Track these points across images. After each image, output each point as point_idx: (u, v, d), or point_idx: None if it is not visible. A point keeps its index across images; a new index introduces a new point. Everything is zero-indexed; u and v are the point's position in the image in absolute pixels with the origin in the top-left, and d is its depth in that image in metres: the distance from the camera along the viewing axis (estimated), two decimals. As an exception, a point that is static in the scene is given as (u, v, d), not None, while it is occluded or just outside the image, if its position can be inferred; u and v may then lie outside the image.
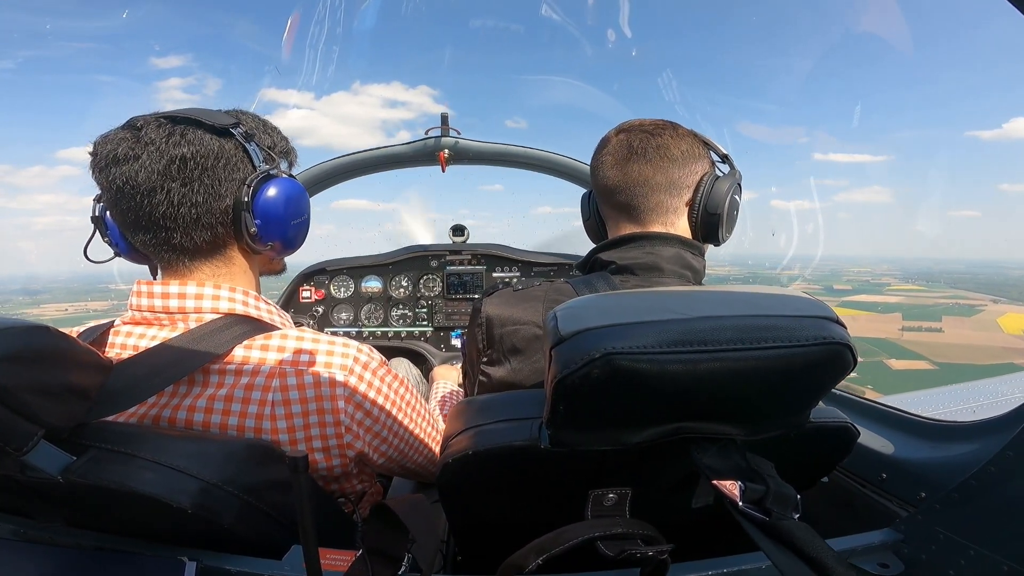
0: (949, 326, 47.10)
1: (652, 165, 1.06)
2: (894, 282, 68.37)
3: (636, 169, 1.06)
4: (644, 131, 1.09)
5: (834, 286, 61.61)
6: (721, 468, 0.71)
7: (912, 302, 56.58)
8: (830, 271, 70.33)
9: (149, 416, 0.85)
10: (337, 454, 0.91)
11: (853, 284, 65.04)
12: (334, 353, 0.90)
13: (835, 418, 0.86)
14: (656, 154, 1.06)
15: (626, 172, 1.07)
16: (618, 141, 1.10)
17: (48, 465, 0.66)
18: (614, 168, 1.09)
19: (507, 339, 1.01)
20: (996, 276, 79.74)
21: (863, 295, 59.59)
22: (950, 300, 56.84)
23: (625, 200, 1.08)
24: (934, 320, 48.28)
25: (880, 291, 62.82)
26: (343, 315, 2.70)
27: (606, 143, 1.12)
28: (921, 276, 78.10)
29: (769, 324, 0.62)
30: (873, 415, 1.20)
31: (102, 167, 0.86)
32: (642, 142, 1.07)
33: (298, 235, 1.00)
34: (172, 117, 0.87)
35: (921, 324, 46.74)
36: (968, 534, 0.85)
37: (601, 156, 1.12)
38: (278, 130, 1.03)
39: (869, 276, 72.21)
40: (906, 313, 49.72)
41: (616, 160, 1.09)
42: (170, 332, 0.88)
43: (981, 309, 52.30)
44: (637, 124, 1.11)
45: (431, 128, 2.35)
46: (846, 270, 74.79)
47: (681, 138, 1.09)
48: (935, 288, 65.24)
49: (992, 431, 0.91)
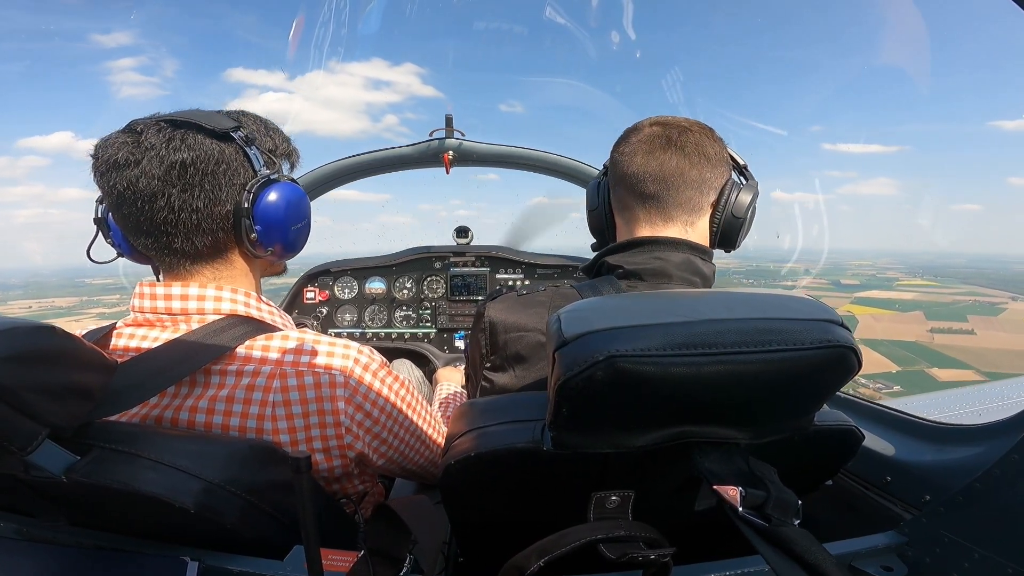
0: (978, 327, 44.85)
1: (688, 160, 1.05)
2: (901, 276, 67.24)
3: (672, 160, 1.05)
4: (682, 127, 1.08)
5: (841, 280, 60.69)
6: (723, 473, 0.71)
7: (929, 299, 54.69)
8: (833, 264, 69.44)
9: (151, 417, 0.86)
10: (338, 455, 0.91)
11: (860, 279, 63.98)
12: (334, 354, 0.90)
13: (840, 421, 0.86)
14: (694, 150, 1.05)
15: (662, 161, 1.05)
16: (652, 131, 1.09)
17: (52, 465, 0.66)
18: (647, 156, 1.06)
19: (511, 346, 1.01)
20: (1002, 271, 78.60)
21: (874, 291, 57.97)
22: (968, 297, 54.79)
23: (654, 190, 1.06)
24: (960, 320, 46.17)
25: (891, 286, 61.36)
26: (347, 316, 2.71)
27: (637, 131, 1.11)
28: (924, 269, 77.13)
29: (773, 327, 0.62)
30: (877, 418, 1.20)
31: (103, 172, 0.86)
32: (680, 135, 1.06)
33: (298, 239, 1.00)
34: (172, 121, 0.87)
35: (950, 325, 44.67)
36: (972, 537, 0.84)
37: (631, 143, 1.09)
38: (280, 131, 1.03)
39: (873, 270, 71.17)
40: (928, 312, 47.89)
41: (650, 148, 1.07)
42: (172, 333, 0.89)
43: (1003, 307, 50.17)
44: (673, 120, 1.11)
45: (435, 130, 2.36)
46: (848, 263, 73.99)
47: (715, 141, 1.09)
48: (947, 283, 63.86)
49: (997, 434, 0.91)
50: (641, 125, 1.12)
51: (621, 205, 1.13)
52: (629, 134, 1.12)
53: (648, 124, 1.11)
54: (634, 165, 1.07)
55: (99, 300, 30.10)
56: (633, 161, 1.08)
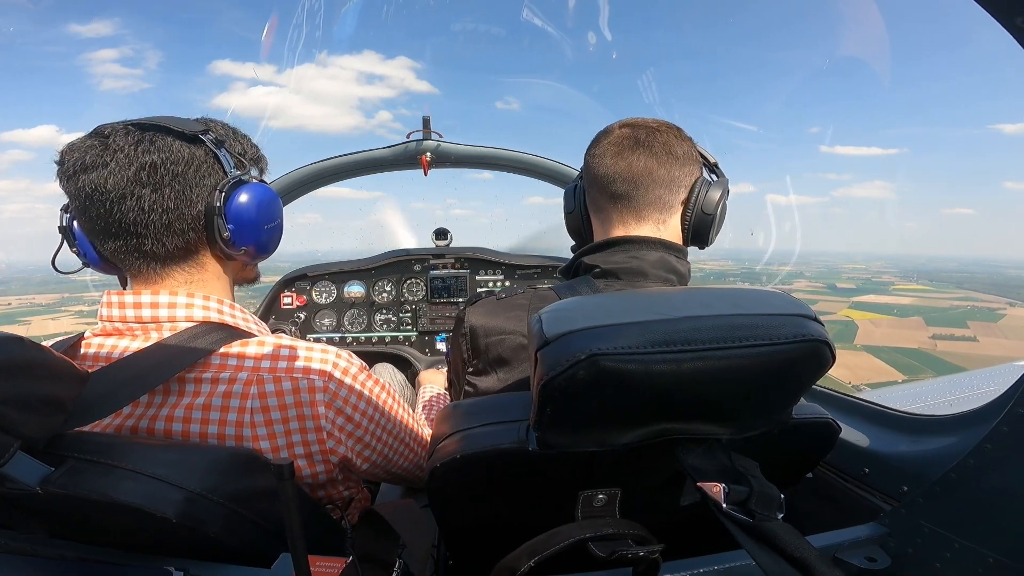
0: (980, 333, 44.81)
1: (656, 159, 1.07)
2: (897, 281, 67.44)
3: (640, 161, 1.07)
4: (649, 127, 1.11)
5: (836, 284, 60.68)
6: (706, 469, 0.72)
7: (926, 303, 54.70)
8: (826, 267, 69.30)
9: (125, 427, 0.84)
10: (320, 460, 0.91)
11: (855, 283, 64.06)
12: (312, 359, 0.89)
13: (817, 414, 0.87)
14: (661, 149, 1.08)
15: (630, 162, 1.08)
16: (622, 133, 1.11)
17: (26, 476, 0.65)
18: (615, 157, 1.09)
19: (492, 349, 1.01)
20: (995, 275, 79.31)
21: (871, 295, 58.24)
22: (965, 303, 55.07)
23: (624, 190, 1.08)
24: (960, 326, 46.07)
25: (886, 291, 61.43)
26: (326, 321, 2.68)
27: (608, 134, 1.13)
28: (918, 273, 77.56)
29: (749, 323, 0.64)
30: (854, 411, 1.22)
31: (70, 175, 0.84)
32: (648, 136, 1.09)
33: (271, 240, 0.99)
34: (140, 124, 0.87)
35: (952, 331, 44.49)
36: (952, 527, 0.86)
37: (602, 145, 1.12)
38: (248, 138, 1.03)
39: (867, 273, 71.42)
40: (927, 317, 47.77)
41: (619, 150, 1.09)
42: (143, 342, 0.87)
43: (1002, 313, 50.44)
44: (641, 121, 1.13)
45: (412, 132, 2.36)
46: (841, 267, 74.10)
47: (683, 140, 1.11)
48: (942, 288, 63.88)
49: (969, 424, 0.93)
50: (611, 128, 1.14)
51: (595, 206, 1.16)
52: (600, 137, 1.14)
53: (618, 127, 1.14)
54: (604, 167, 1.10)
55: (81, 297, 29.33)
56: (603, 163, 1.10)
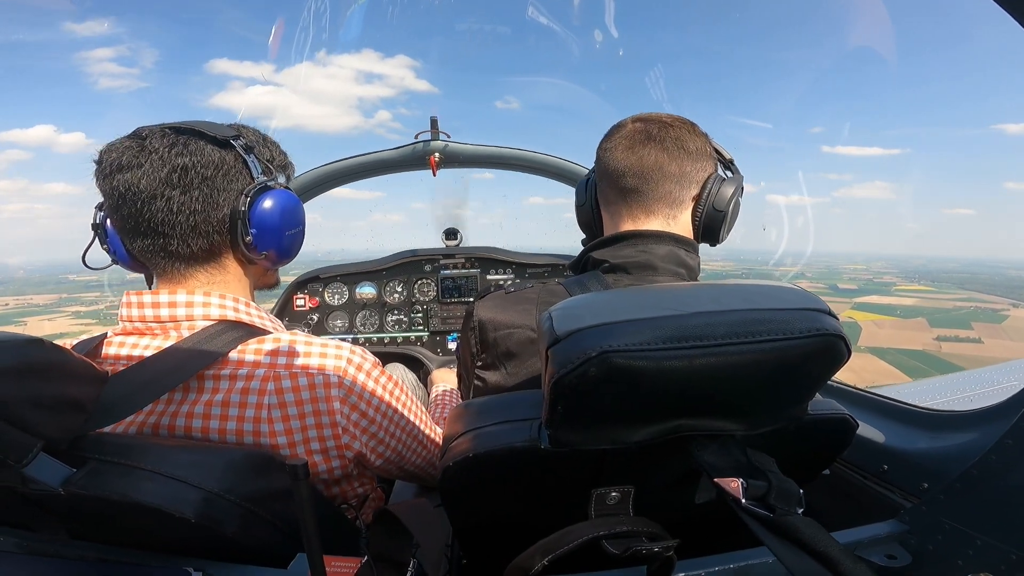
0: (984, 335, 44.18)
1: (668, 154, 1.07)
2: (899, 281, 66.53)
3: (652, 155, 1.07)
4: (662, 122, 1.11)
5: (838, 284, 60.02)
6: (722, 465, 0.71)
7: (929, 304, 54.02)
8: (826, 267, 68.58)
9: (148, 425, 0.86)
10: (336, 455, 0.92)
11: (857, 283, 63.32)
12: (327, 355, 0.91)
13: (833, 410, 0.86)
14: (673, 144, 1.07)
15: (641, 156, 1.08)
16: (634, 127, 1.11)
17: (48, 477, 0.67)
18: (628, 151, 1.09)
19: (501, 343, 1.02)
20: (996, 276, 78.19)
21: (873, 296, 57.60)
22: (968, 304, 54.37)
23: (634, 184, 1.08)
24: (965, 327, 45.40)
25: (888, 291, 60.78)
26: (338, 322, 2.70)
27: (620, 128, 1.14)
28: (918, 274, 76.57)
29: (763, 318, 0.63)
30: (871, 407, 1.20)
31: (107, 174, 0.88)
32: (660, 131, 1.09)
33: (293, 245, 1.02)
34: (177, 128, 0.91)
35: (956, 333, 43.87)
36: (974, 524, 0.85)
37: (613, 139, 1.13)
38: (278, 145, 1.06)
39: (869, 274, 70.62)
40: (930, 319, 47.08)
41: (631, 144, 1.10)
42: (163, 341, 0.89)
43: (1006, 314, 49.78)
44: (655, 116, 1.13)
45: (421, 132, 2.37)
46: (842, 267, 73.30)
47: (697, 135, 1.11)
48: (945, 289, 63.06)
49: (989, 420, 0.91)
50: (623, 123, 1.14)
51: (606, 200, 1.16)
52: (613, 131, 1.14)
53: (631, 121, 1.13)
54: (615, 160, 1.10)
55: (78, 298, 29.55)
56: (615, 157, 1.10)
